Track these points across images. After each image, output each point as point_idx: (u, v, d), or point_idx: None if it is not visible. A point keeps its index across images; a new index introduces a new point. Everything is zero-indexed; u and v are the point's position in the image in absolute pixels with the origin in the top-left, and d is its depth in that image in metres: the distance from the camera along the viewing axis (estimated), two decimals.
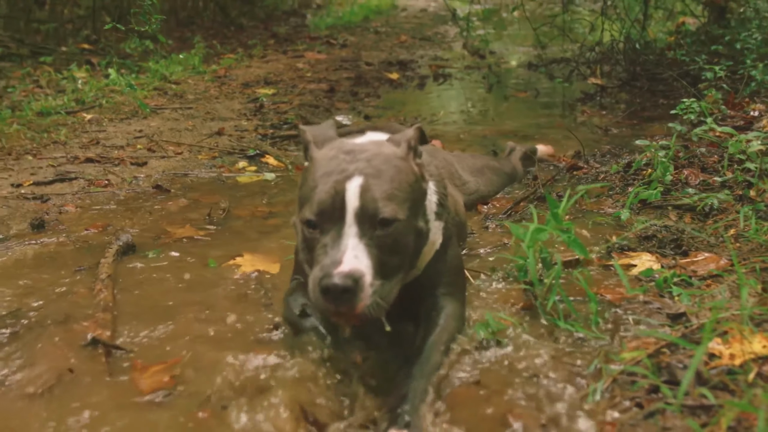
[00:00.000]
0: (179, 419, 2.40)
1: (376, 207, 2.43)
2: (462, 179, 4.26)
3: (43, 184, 5.10)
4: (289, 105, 7.80)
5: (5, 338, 3.00)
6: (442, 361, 2.68)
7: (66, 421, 2.40)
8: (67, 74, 8.28)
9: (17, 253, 3.96)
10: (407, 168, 2.63)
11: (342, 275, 2.29)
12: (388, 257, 2.46)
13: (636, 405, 2.36)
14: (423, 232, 2.68)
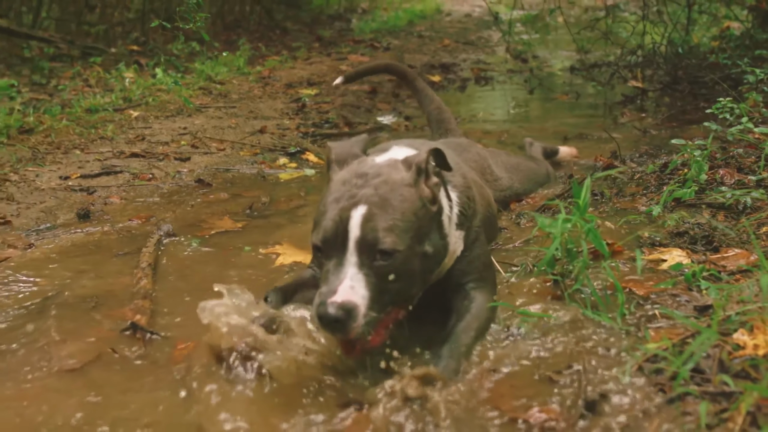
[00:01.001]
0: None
1: (376, 238, 2.52)
2: (495, 175, 4.31)
3: (89, 177, 5.26)
4: (331, 105, 7.91)
5: (50, 317, 3.12)
6: (473, 346, 2.77)
7: (101, 395, 2.51)
8: (115, 74, 8.47)
9: (63, 241, 4.10)
10: (413, 195, 2.68)
11: (335, 306, 2.41)
12: (390, 285, 2.55)
13: (660, 390, 2.41)
14: (431, 254, 2.73)
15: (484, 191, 3.75)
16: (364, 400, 2.43)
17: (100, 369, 2.73)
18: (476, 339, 2.81)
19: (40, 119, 6.44)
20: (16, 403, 2.50)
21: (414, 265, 2.64)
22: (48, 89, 8.25)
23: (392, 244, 2.53)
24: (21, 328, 3.04)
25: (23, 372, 2.70)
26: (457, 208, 3.03)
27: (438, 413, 2.35)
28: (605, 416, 2.30)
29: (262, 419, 2.31)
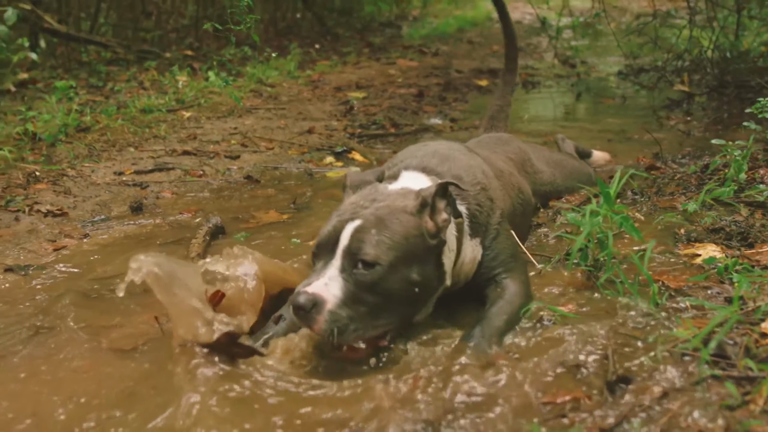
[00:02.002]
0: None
1: (360, 247, 2.67)
2: (535, 168, 4.39)
3: (143, 173, 5.46)
4: (378, 107, 8.03)
5: (102, 302, 3.28)
6: (505, 329, 2.87)
7: (149, 375, 2.65)
8: (169, 76, 8.69)
9: (117, 232, 4.28)
10: (411, 222, 2.79)
11: (305, 295, 2.58)
12: (367, 297, 2.67)
13: (685, 374, 2.48)
14: (418, 281, 2.78)
15: (512, 179, 3.86)
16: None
17: (150, 350, 2.88)
18: (509, 323, 2.92)
19: (96, 119, 6.66)
20: (72, 375, 2.66)
21: (395, 285, 2.72)
22: (104, 91, 8.49)
23: (374, 257, 2.66)
24: (72, 310, 3.22)
25: (76, 350, 2.86)
26: (467, 220, 3.14)
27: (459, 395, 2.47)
28: (629, 397, 2.39)
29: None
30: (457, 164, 3.30)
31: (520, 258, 3.36)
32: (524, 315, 3.02)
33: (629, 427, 2.24)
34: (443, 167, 3.24)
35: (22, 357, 2.82)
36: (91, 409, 2.45)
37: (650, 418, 2.26)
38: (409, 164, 3.27)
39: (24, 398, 2.54)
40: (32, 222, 4.39)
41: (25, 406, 2.49)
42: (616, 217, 3.20)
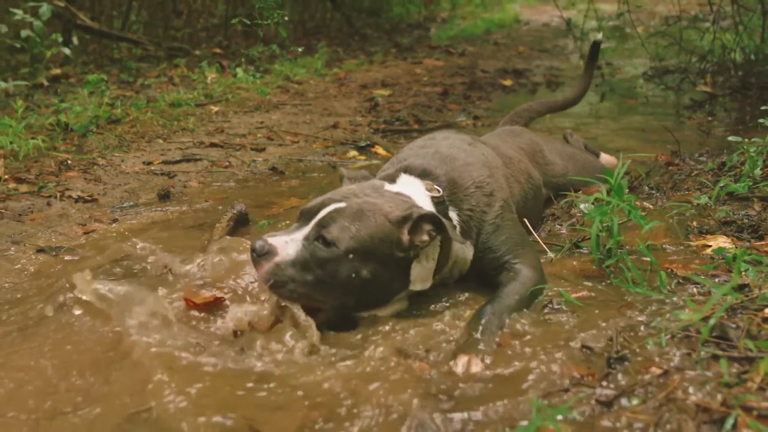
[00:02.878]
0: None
1: (327, 225, 2.85)
2: (547, 159, 4.47)
3: (170, 163, 5.61)
4: (403, 105, 8.15)
5: (126, 279, 3.41)
6: (515, 309, 2.99)
7: (164, 348, 2.76)
8: (198, 72, 8.85)
9: (144, 218, 4.42)
10: (385, 228, 2.91)
11: (262, 242, 2.82)
12: (315, 270, 2.83)
13: (686, 354, 2.57)
14: (368, 279, 2.90)
15: (521, 166, 3.98)
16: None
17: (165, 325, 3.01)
18: (520, 302, 3.03)
19: (126, 111, 6.83)
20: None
21: (342, 272, 2.85)
22: (134, 87, 8.66)
23: (334, 239, 2.82)
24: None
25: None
26: (458, 227, 3.28)
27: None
28: (630, 374, 2.48)
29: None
30: (455, 165, 3.41)
31: (528, 243, 3.47)
32: (536, 298, 3.14)
33: (627, 401, 2.33)
34: (441, 169, 3.36)
35: (47, 329, 2.95)
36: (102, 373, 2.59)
37: (649, 393, 2.35)
38: (409, 165, 3.39)
39: (45, 365, 2.68)
40: (63, 207, 4.54)
41: (47, 371, 2.63)
42: (623, 205, 3.29)
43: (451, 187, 3.32)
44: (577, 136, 5.58)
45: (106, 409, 2.38)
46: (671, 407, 2.25)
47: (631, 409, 2.29)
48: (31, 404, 2.41)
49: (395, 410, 2.34)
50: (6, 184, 4.85)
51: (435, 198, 3.21)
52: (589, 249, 3.54)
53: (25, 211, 4.43)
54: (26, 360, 2.71)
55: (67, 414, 2.36)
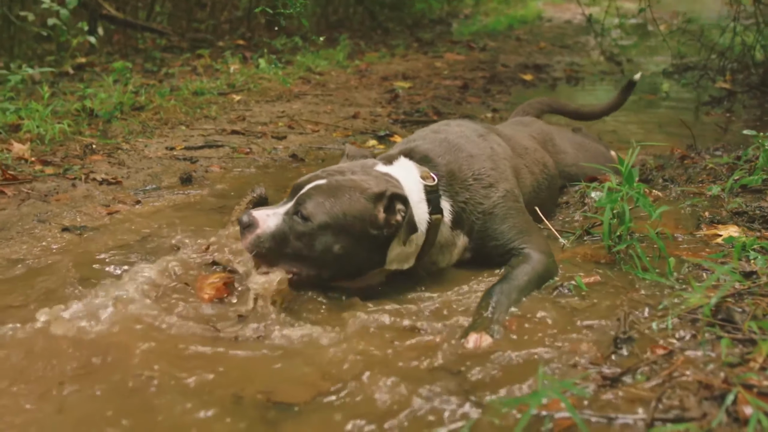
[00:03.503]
0: None
1: (305, 201, 3.01)
2: (558, 148, 4.51)
3: (193, 149, 5.72)
4: (423, 97, 8.22)
5: (146, 255, 3.53)
6: (526, 289, 3.08)
7: (178, 314, 2.91)
8: (221, 62, 8.97)
9: (166, 200, 4.52)
10: (359, 204, 3.02)
11: (248, 216, 3.04)
12: (293, 243, 3.01)
13: (692, 336, 2.64)
14: (339, 254, 3.03)
15: (537, 155, 4.06)
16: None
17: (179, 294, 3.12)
18: (529, 283, 3.11)
19: (150, 99, 6.94)
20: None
21: (317, 245, 3.01)
22: (158, 76, 8.78)
23: (308, 213, 2.98)
24: (119, 261, 3.51)
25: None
26: (450, 215, 3.36)
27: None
28: (636, 353, 2.56)
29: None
30: (458, 155, 3.49)
31: (535, 230, 3.55)
32: (546, 280, 3.23)
33: (632, 378, 2.40)
34: (444, 158, 3.45)
35: (70, 296, 3.07)
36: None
37: (652, 371, 2.42)
38: (413, 149, 3.49)
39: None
40: (88, 189, 4.64)
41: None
42: (633, 193, 3.36)
43: (449, 177, 3.40)
44: (586, 132, 5.62)
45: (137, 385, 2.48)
46: (674, 384, 2.32)
47: (635, 385, 2.36)
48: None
49: (406, 380, 2.43)
50: (32, 166, 4.97)
51: (428, 186, 3.26)
52: (600, 236, 3.60)
53: (50, 192, 4.54)
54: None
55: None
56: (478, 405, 2.28)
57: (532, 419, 2.18)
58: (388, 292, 3.20)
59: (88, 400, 2.34)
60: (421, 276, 3.36)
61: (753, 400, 2.08)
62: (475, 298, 3.05)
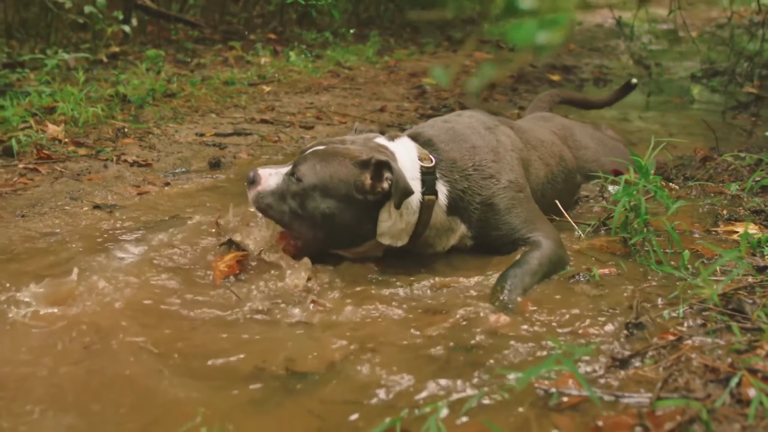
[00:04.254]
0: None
1: (300, 164, 3.24)
2: (578, 143, 4.54)
3: (222, 136, 5.84)
4: (450, 93, 8.30)
5: (170, 232, 3.65)
6: (539, 272, 3.18)
7: (194, 285, 3.06)
8: (252, 53, 9.10)
9: (194, 183, 4.64)
10: (348, 170, 3.20)
11: (253, 172, 3.34)
12: (289, 201, 3.22)
13: (701, 324, 2.71)
14: (327, 214, 3.20)
15: (554, 149, 4.11)
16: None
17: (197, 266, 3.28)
18: (541, 267, 3.20)
19: (182, 87, 7.08)
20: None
21: (308, 205, 3.20)
22: (190, 66, 8.92)
23: (300, 175, 3.20)
24: (145, 237, 3.65)
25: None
26: (445, 200, 3.43)
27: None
28: (645, 338, 2.63)
29: None
30: (462, 145, 3.54)
31: (542, 219, 3.60)
32: (559, 267, 3.32)
33: (640, 361, 2.48)
34: (447, 146, 3.52)
35: (98, 266, 3.21)
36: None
37: (661, 355, 2.49)
38: (420, 133, 3.59)
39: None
40: (119, 170, 4.77)
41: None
42: (650, 186, 3.42)
43: (450, 164, 3.46)
44: (612, 132, 5.66)
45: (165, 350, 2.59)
46: (681, 368, 2.39)
47: (643, 367, 2.43)
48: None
49: (420, 354, 2.52)
50: (66, 146, 5.11)
51: (424, 167, 3.35)
52: (617, 228, 3.66)
53: (83, 172, 4.67)
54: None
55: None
56: (489, 379, 2.36)
57: (541, 395, 2.26)
58: (405, 273, 3.30)
59: (113, 362, 2.46)
60: (430, 259, 3.47)
61: (756, 383, 2.14)
62: (489, 283, 3.14)
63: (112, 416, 2.18)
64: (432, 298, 3.01)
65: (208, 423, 2.12)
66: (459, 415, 2.16)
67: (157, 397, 2.29)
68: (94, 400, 2.25)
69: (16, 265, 3.26)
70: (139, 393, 2.30)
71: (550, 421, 2.14)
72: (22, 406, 2.20)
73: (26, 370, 2.40)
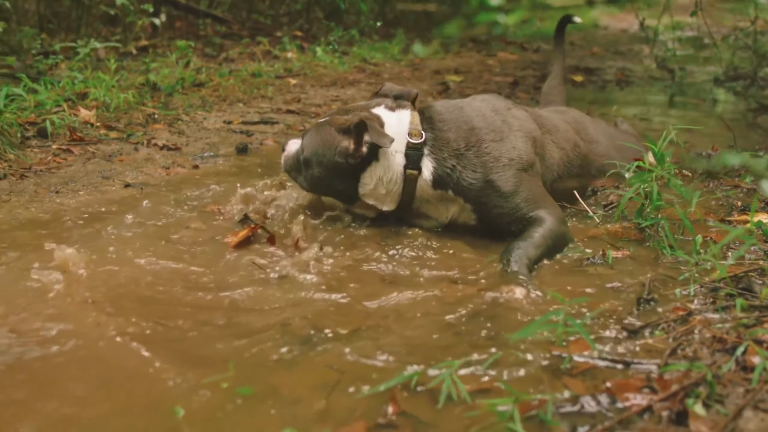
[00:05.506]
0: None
1: (304, 136, 3.74)
2: (590, 137, 4.53)
3: (249, 124, 5.98)
4: (473, 90, 8.36)
5: (196, 206, 3.81)
6: (543, 245, 3.32)
7: (209, 262, 3.17)
8: (279, 47, 9.25)
9: (222, 165, 4.77)
10: (329, 136, 3.56)
11: (284, 141, 3.97)
12: (303, 168, 3.70)
13: (712, 302, 2.80)
14: (316, 175, 3.65)
15: (568, 135, 4.16)
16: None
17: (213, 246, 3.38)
18: (544, 239, 3.34)
19: (210, 77, 7.23)
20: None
21: (309, 171, 3.66)
22: (218, 60, 9.07)
23: (303, 146, 3.68)
24: (174, 211, 3.81)
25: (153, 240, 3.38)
26: (430, 175, 3.54)
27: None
28: (656, 312, 2.73)
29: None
30: (459, 126, 3.61)
31: (546, 198, 3.65)
32: (564, 242, 3.46)
33: (650, 333, 2.57)
34: (444, 125, 3.60)
35: (133, 236, 3.36)
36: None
37: (671, 327, 2.59)
38: (427, 108, 3.76)
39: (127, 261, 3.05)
40: (149, 153, 4.91)
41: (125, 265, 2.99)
42: (664, 173, 3.51)
43: (441, 143, 3.54)
44: (627, 124, 5.72)
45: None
46: (690, 339, 2.49)
47: (653, 338, 2.53)
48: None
49: (438, 321, 2.63)
50: (98, 130, 5.26)
51: (411, 143, 3.51)
52: (631, 215, 3.74)
53: (114, 153, 4.82)
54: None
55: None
56: (502, 345, 2.46)
57: (552, 359, 2.37)
58: (424, 249, 3.41)
59: (142, 319, 2.59)
60: (450, 237, 3.59)
61: (762, 351, 2.23)
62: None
63: (145, 369, 2.30)
64: (451, 271, 3.12)
65: (237, 373, 2.24)
66: (473, 374, 2.27)
67: (191, 352, 2.42)
68: (129, 356, 2.37)
69: (46, 232, 3.45)
70: (170, 347, 2.43)
71: (561, 383, 2.24)
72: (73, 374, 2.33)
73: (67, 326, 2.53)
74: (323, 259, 3.17)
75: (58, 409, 2.08)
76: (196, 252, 3.24)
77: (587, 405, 2.11)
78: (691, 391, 2.11)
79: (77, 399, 2.13)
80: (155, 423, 2.03)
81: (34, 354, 2.34)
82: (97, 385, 2.21)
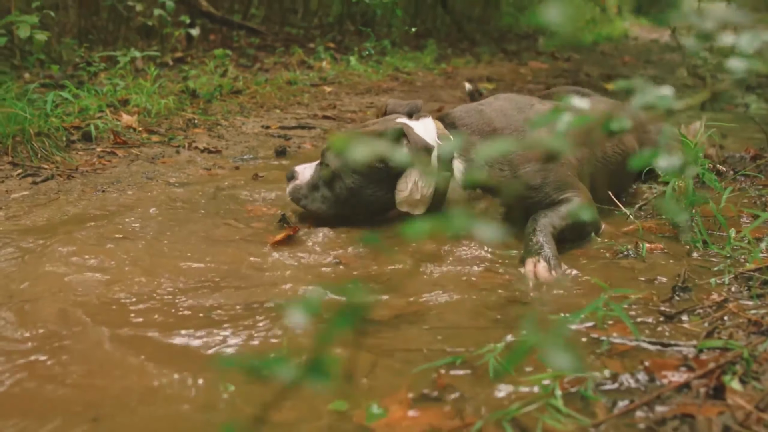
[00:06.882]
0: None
1: (326, 152, 3.69)
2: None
3: (287, 128, 6.11)
4: None
5: (238, 202, 3.91)
6: (567, 218, 3.41)
7: (243, 259, 3.24)
8: (314, 56, 9.40)
9: (262, 167, 4.88)
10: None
11: (292, 169, 3.80)
12: (322, 188, 3.65)
13: (747, 290, 2.86)
14: (351, 188, 3.58)
15: None
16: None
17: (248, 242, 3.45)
18: (569, 215, 3.42)
19: (247, 85, 7.38)
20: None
21: (335, 187, 3.61)
22: (252, 70, 9.22)
23: (329, 161, 3.62)
24: (216, 206, 3.91)
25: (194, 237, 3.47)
26: (462, 177, 3.60)
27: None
28: (692, 299, 2.79)
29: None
30: (480, 127, 3.65)
31: (576, 184, 3.67)
32: (591, 222, 3.54)
33: (687, 318, 2.64)
34: (466, 128, 3.65)
35: (173, 233, 3.47)
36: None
37: (706, 313, 2.65)
38: (448, 113, 3.83)
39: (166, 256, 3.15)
40: (190, 155, 5.04)
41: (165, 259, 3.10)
42: (699, 169, 3.57)
43: (469, 145, 3.60)
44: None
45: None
46: (725, 323, 2.55)
47: (690, 322, 2.59)
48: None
49: (479, 308, 2.71)
50: (140, 134, 5.40)
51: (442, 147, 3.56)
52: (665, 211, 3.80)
53: (157, 156, 4.95)
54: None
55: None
56: (542, 327, 2.53)
57: (590, 342, 2.44)
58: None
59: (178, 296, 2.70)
60: None
61: None
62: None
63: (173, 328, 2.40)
64: (485, 260, 3.20)
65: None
66: (514, 355, 2.34)
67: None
68: (167, 327, 2.48)
69: (104, 221, 3.59)
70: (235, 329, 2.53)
71: (600, 362, 2.31)
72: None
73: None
74: (359, 254, 3.27)
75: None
76: (241, 248, 3.34)
77: (626, 382, 2.17)
78: (728, 368, 2.17)
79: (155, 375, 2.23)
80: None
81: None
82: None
